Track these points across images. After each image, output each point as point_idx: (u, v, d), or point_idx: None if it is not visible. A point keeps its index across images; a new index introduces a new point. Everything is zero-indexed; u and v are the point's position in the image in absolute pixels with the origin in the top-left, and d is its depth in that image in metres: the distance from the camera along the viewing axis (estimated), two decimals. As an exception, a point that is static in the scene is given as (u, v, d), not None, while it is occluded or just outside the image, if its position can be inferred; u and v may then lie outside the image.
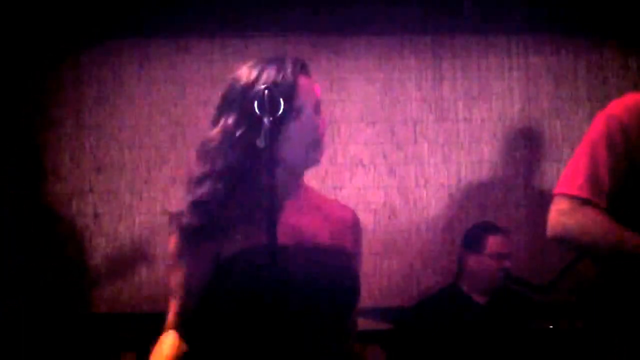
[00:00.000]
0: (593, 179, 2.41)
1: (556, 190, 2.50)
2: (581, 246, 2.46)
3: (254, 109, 1.71)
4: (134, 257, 4.38)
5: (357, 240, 2.07)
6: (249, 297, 1.75)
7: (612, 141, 2.41)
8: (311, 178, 4.55)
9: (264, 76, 1.88)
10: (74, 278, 4.30)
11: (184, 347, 1.79)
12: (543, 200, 4.43)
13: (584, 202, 2.40)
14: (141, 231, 4.38)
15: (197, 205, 1.83)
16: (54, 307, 4.21)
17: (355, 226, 2.07)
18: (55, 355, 4.13)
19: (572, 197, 2.42)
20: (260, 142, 1.69)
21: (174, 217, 1.87)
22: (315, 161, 1.95)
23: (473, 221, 4.30)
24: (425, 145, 4.47)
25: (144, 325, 4.26)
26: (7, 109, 4.33)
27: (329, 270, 1.88)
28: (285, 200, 1.91)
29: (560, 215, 2.42)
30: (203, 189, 1.85)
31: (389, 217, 4.42)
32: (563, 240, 2.46)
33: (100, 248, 4.35)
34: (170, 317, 1.86)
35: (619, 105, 2.46)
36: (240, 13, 4.40)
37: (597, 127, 2.47)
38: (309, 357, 1.83)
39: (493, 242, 3.96)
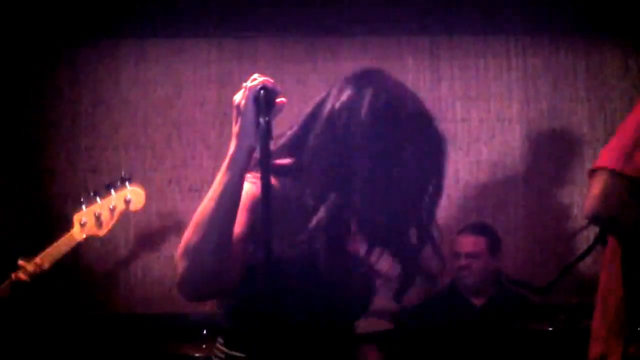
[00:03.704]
0: (633, 155, 2.38)
1: (600, 164, 2.43)
2: (621, 232, 2.47)
3: None
4: (129, 257, 4.37)
5: None
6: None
7: None
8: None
9: None
10: (68, 279, 4.28)
11: None
12: (542, 200, 4.43)
13: (629, 180, 2.37)
14: (137, 232, 4.36)
15: None
16: (51, 308, 4.19)
17: None
18: (54, 356, 4.12)
19: (619, 174, 2.38)
20: (256, 142, 1.70)
21: None
22: None
23: (471, 221, 4.29)
24: (424, 145, 4.44)
25: (139, 326, 4.27)
26: (4, 110, 4.31)
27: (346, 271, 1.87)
28: None
29: (613, 195, 2.37)
30: None
31: (387, 218, 4.40)
32: (602, 221, 2.45)
33: (95, 249, 4.33)
34: None
35: None
36: (237, 14, 4.38)
37: None
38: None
39: (460, 242, 4.02)
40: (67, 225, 3.41)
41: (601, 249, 3.68)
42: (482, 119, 4.48)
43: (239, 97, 1.74)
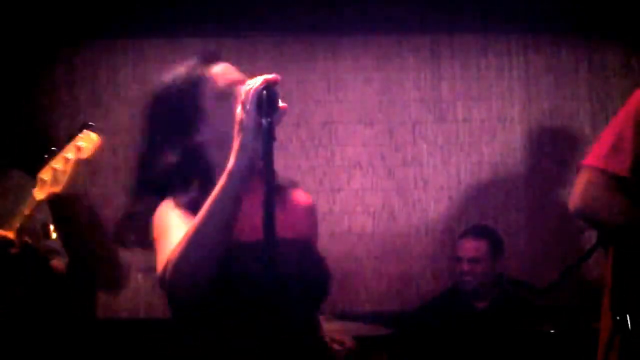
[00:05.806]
0: (616, 152, 2.44)
1: (585, 161, 2.52)
2: (605, 225, 2.54)
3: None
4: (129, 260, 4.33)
5: (315, 224, 2.06)
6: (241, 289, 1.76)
7: (638, 119, 2.44)
8: (308, 180, 4.55)
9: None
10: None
11: None
12: (544, 201, 4.41)
13: (612, 177, 2.43)
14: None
15: None
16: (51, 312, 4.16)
17: (312, 209, 2.07)
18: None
19: (602, 171, 2.44)
20: (258, 145, 1.66)
21: None
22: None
23: (473, 223, 4.27)
24: (424, 146, 4.44)
25: (141, 331, 4.24)
26: (2, 110, 4.29)
27: (300, 260, 1.87)
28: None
29: (594, 190, 2.44)
30: None
31: (388, 220, 4.39)
32: (583, 217, 2.53)
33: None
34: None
35: None
36: (236, 13, 4.36)
37: (630, 102, 2.50)
38: (285, 348, 1.79)
39: (462, 246, 4.01)
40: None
41: (603, 250, 3.68)
42: (483, 119, 4.46)
43: (244, 92, 1.71)
